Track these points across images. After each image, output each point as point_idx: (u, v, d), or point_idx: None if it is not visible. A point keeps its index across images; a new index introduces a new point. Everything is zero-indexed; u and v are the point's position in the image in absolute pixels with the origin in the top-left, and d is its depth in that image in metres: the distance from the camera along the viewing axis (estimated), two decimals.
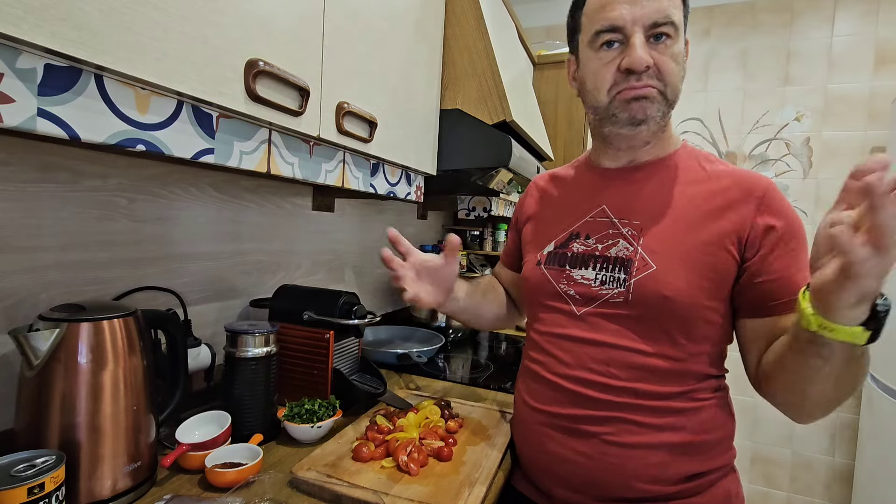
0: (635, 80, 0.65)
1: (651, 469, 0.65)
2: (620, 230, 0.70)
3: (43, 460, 0.51)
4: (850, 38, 2.07)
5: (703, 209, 0.67)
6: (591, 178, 0.79)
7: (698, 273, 0.64)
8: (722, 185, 0.68)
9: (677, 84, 0.67)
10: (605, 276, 0.69)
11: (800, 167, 2.17)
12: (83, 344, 0.57)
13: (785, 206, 0.66)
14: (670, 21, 0.63)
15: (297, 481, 0.67)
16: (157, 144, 0.52)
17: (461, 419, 0.89)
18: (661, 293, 0.64)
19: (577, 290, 0.71)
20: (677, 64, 0.65)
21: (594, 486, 0.67)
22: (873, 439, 1.83)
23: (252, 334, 0.81)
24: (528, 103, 1.40)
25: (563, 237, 0.77)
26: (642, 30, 0.63)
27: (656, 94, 0.66)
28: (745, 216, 0.65)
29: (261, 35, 0.61)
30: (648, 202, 0.70)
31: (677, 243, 0.66)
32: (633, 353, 0.66)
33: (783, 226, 0.64)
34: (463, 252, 1.98)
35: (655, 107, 0.66)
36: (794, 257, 0.64)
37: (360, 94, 0.82)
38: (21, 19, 0.38)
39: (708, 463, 0.67)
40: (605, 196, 0.75)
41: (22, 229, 0.68)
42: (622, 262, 0.68)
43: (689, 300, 0.64)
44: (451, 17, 1.13)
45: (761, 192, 0.65)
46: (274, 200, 1.13)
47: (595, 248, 0.72)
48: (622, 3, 0.64)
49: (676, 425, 0.65)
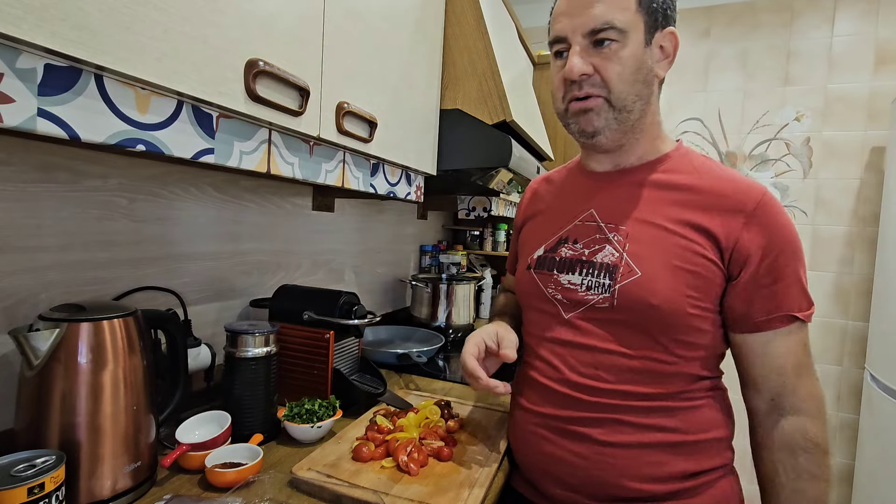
0: (577, 88, 0.66)
1: (645, 468, 0.65)
2: (607, 235, 0.71)
3: (43, 460, 0.51)
4: (850, 38, 2.07)
5: (691, 216, 0.66)
6: (582, 182, 0.80)
7: (684, 281, 0.64)
8: (713, 192, 0.67)
9: (624, 88, 0.65)
10: (590, 282, 0.69)
11: (800, 167, 2.17)
12: (83, 344, 0.57)
13: (776, 221, 0.64)
14: (610, 26, 0.63)
15: (297, 481, 0.67)
16: (157, 144, 0.52)
17: (461, 419, 0.89)
18: (647, 300, 0.64)
19: (564, 294, 0.72)
20: (623, 67, 0.64)
21: (590, 486, 0.67)
22: (873, 439, 1.83)
23: (252, 334, 0.81)
24: (528, 103, 1.40)
25: (552, 242, 0.77)
26: (581, 38, 0.65)
27: (601, 104, 0.66)
28: (732, 229, 0.64)
29: (261, 35, 0.61)
30: (636, 207, 0.70)
31: (663, 250, 0.66)
32: (620, 356, 0.67)
33: (769, 244, 0.64)
34: (463, 252, 1.98)
35: (602, 118, 0.67)
36: (780, 276, 0.64)
37: (360, 94, 0.82)
38: (21, 19, 0.38)
39: (704, 462, 0.67)
40: (593, 200, 0.75)
41: (22, 229, 0.68)
42: (608, 267, 0.69)
43: (674, 307, 0.64)
44: (451, 17, 1.13)
45: (753, 205, 0.64)
46: (274, 200, 1.13)
47: (582, 253, 0.72)
48: (564, 15, 0.66)
49: (669, 425, 0.66)
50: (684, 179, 0.69)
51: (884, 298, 1.85)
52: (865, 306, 2.08)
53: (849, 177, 2.11)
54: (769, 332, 0.65)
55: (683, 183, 0.69)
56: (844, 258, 2.12)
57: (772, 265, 0.64)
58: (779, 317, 0.64)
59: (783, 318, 0.64)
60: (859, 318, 2.10)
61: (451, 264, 1.87)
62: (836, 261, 2.13)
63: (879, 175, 2.05)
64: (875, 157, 2.06)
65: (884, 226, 1.92)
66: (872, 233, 2.07)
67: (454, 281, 1.61)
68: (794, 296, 0.64)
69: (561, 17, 0.67)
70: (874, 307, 1.96)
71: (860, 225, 2.10)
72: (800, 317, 0.64)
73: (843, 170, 2.11)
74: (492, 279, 2.04)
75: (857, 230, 2.10)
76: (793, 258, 0.65)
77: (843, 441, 2.12)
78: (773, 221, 0.64)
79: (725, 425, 0.70)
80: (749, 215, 0.64)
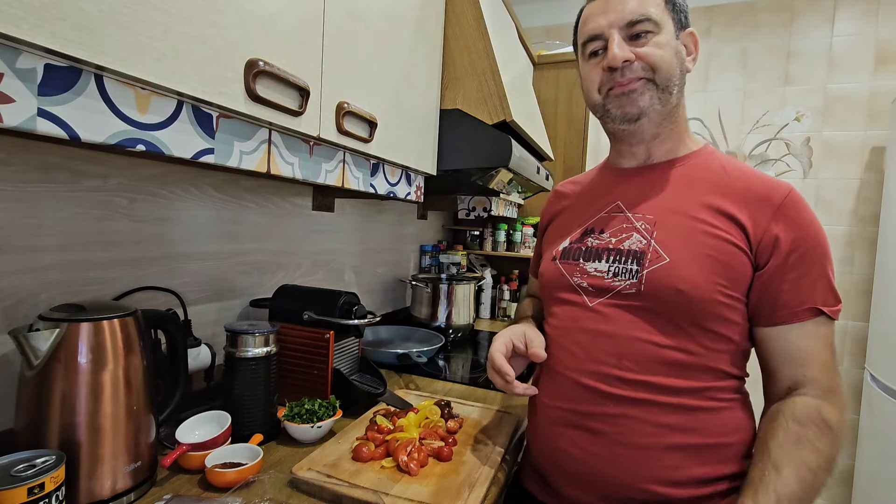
0: (619, 76, 0.68)
1: (662, 471, 0.63)
2: (634, 224, 0.71)
3: (43, 460, 0.51)
4: (850, 38, 2.07)
5: (720, 208, 0.66)
6: (608, 178, 0.81)
7: (712, 269, 0.64)
8: (741, 185, 0.68)
9: (668, 68, 0.68)
10: (617, 268, 0.69)
11: (800, 167, 2.17)
12: (83, 344, 0.57)
13: (803, 217, 0.65)
14: (646, 17, 0.67)
15: (297, 481, 0.67)
16: (157, 144, 0.52)
17: (461, 419, 0.89)
18: (675, 286, 0.64)
19: (590, 282, 0.71)
20: (665, 51, 0.68)
21: (604, 486, 0.66)
22: (873, 439, 1.83)
23: (252, 334, 0.81)
24: (528, 103, 1.40)
25: (577, 233, 0.78)
26: (618, 31, 0.68)
27: (643, 85, 0.68)
28: (760, 221, 0.64)
29: (261, 35, 0.61)
30: (663, 198, 0.71)
31: (691, 239, 0.66)
32: (647, 344, 0.65)
33: (797, 237, 0.63)
34: (463, 252, 1.98)
35: (647, 96, 0.68)
36: (807, 270, 0.63)
37: (360, 94, 0.82)
38: (21, 19, 0.38)
39: (723, 468, 0.65)
40: (619, 192, 0.76)
41: (22, 229, 0.68)
42: (635, 254, 0.68)
43: (703, 295, 0.63)
44: (451, 17, 1.13)
45: (780, 199, 0.65)
46: (274, 200, 1.13)
47: (609, 242, 0.72)
48: (598, 14, 0.70)
49: (691, 426, 0.64)
50: (711, 174, 0.71)
51: (884, 298, 1.85)
52: (865, 306, 2.08)
53: (849, 177, 2.11)
54: (794, 324, 0.64)
55: (710, 177, 0.70)
56: (844, 258, 2.12)
57: (799, 259, 0.63)
58: (804, 310, 0.63)
59: (808, 311, 0.63)
60: (859, 318, 2.10)
61: (451, 264, 1.87)
62: (836, 261, 2.12)
63: (879, 175, 2.05)
64: (875, 157, 2.06)
65: (884, 226, 1.92)
66: (872, 233, 2.07)
67: (454, 281, 1.61)
68: (820, 290, 0.63)
69: (594, 17, 0.70)
70: (874, 307, 1.96)
71: (860, 225, 2.10)
72: (826, 311, 0.63)
73: (843, 170, 2.11)
74: (492, 279, 2.04)
75: (857, 230, 2.10)
76: (821, 255, 0.64)
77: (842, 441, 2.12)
78: (802, 217, 0.65)
79: (747, 431, 0.68)
80: (777, 208, 0.64)
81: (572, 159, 2.01)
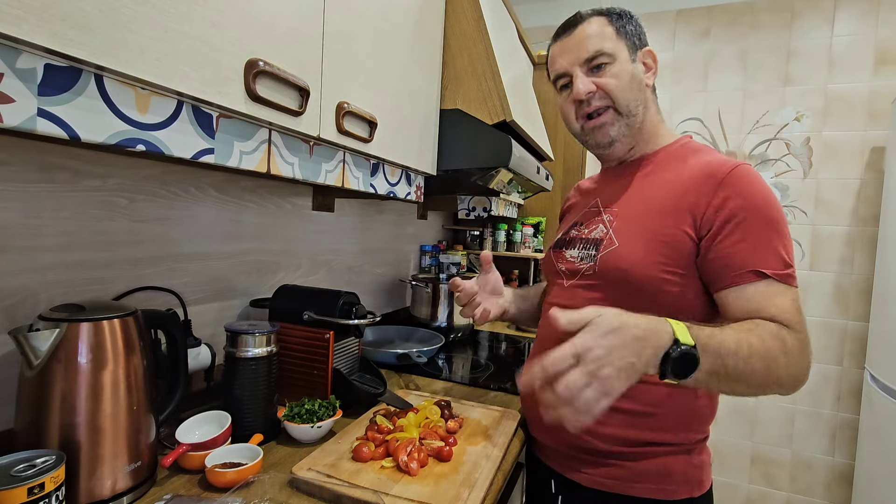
0: (586, 105, 0.79)
1: (594, 425, 0.65)
2: (602, 217, 0.83)
3: (43, 460, 0.51)
4: (850, 38, 2.07)
5: (673, 194, 0.74)
6: (598, 179, 0.95)
7: (655, 249, 0.72)
8: (696, 170, 0.74)
9: (625, 95, 0.78)
10: (583, 254, 0.82)
11: (800, 167, 2.17)
12: (83, 344, 0.57)
13: (747, 187, 0.68)
14: (601, 52, 0.77)
15: (297, 481, 0.67)
16: (157, 144, 0.52)
17: (461, 419, 0.89)
18: (619, 266, 0.74)
19: (567, 266, 0.85)
20: (620, 80, 0.77)
21: (556, 430, 0.78)
22: (873, 439, 1.83)
23: (252, 334, 0.81)
24: (528, 103, 1.40)
25: (567, 227, 0.92)
26: (579, 67, 0.79)
27: (611, 115, 0.79)
28: (702, 195, 0.70)
29: (261, 35, 0.61)
30: (630, 193, 0.82)
31: (642, 225, 0.75)
32: None
33: (737, 206, 0.67)
34: (463, 252, 1.98)
35: (615, 127, 0.80)
36: (747, 235, 0.66)
37: (360, 94, 0.82)
38: (21, 19, 0.38)
39: (654, 435, 0.74)
40: (600, 191, 0.89)
41: (22, 229, 0.68)
42: (596, 242, 0.80)
43: (645, 272, 0.72)
44: (451, 16, 1.13)
45: (724, 174, 0.70)
46: (274, 200, 1.13)
47: (582, 233, 0.86)
48: (560, 56, 0.82)
49: (628, 392, 0.65)
50: (676, 164, 0.78)
51: (884, 298, 1.85)
52: (865, 306, 2.09)
53: (849, 177, 2.11)
54: (742, 286, 0.66)
55: (675, 167, 0.78)
56: (844, 258, 2.12)
57: (739, 224, 0.67)
58: (747, 272, 0.66)
59: (752, 274, 0.66)
60: (859, 318, 2.10)
61: (451, 264, 1.87)
62: (836, 261, 2.13)
63: (879, 175, 2.05)
64: (875, 157, 2.06)
65: (884, 226, 1.92)
66: (872, 233, 2.07)
67: None
68: (762, 254, 0.66)
69: (558, 58, 0.82)
70: (874, 307, 1.96)
71: (860, 225, 2.10)
72: (769, 273, 0.65)
73: (843, 170, 2.11)
74: None
75: (857, 230, 2.10)
76: (764, 223, 0.67)
77: (843, 441, 2.12)
78: (745, 188, 0.69)
79: (691, 403, 0.74)
80: (720, 182, 0.70)
81: (572, 159, 2.01)
